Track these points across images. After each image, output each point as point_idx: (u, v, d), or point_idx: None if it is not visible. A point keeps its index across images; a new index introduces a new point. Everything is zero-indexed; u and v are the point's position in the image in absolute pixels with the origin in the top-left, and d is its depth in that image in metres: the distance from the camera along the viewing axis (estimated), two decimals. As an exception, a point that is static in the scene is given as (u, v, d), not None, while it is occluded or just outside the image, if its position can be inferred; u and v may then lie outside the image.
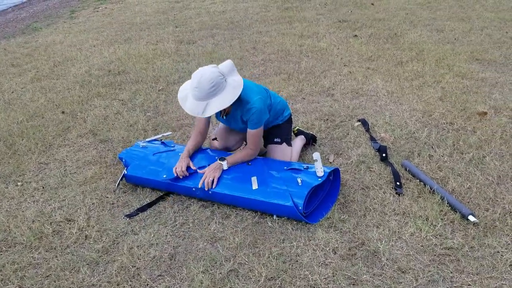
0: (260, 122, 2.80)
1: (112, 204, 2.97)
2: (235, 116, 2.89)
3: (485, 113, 3.72)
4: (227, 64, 2.72)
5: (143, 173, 3.00)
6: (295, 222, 2.61)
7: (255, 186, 2.66)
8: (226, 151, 3.12)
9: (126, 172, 3.06)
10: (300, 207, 2.52)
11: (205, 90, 2.59)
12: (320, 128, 3.74)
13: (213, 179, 2.76)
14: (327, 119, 3.89)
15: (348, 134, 3.61)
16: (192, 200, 2.91)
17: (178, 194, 2.98)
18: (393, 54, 5.42)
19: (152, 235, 2.61)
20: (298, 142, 3.32)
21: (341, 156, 3.31)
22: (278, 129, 3.11)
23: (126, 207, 2.91)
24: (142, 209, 2.86)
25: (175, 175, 2.83)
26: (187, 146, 2.97)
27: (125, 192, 3.07)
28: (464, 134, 3.45)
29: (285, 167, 2.77)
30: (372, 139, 3.48)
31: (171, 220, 2.74)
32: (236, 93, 2.65)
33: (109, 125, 4.16)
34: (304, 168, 2.73)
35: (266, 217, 2.68)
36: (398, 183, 2.87)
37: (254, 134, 2.83)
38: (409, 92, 4.30)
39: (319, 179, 2.62)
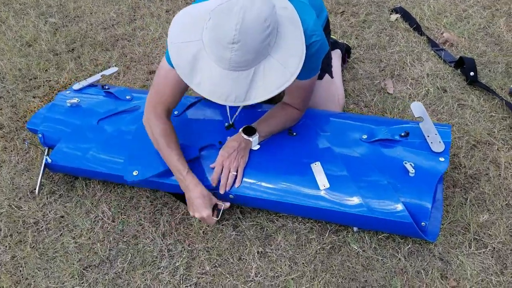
0: (320, 65, 1.45)
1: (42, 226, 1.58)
2: None
3: None
4: None
5: (83, 162, 1.61)
6: (398, 240, 1.46)
7: (322, 183, 1.40)
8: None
9: (48, 160, 1.62)
10: (424, 223, 1.34)
11: (257, 44, 1.16)
12: (341, 26, 2.40)
13: (236, 175, 1.45)
14: (342, 12, 2.53)
15: (389, 36, 2.32)
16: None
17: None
18: None
19: None
20: (336, 62, 1.99)
21: (398, 81, 2.06)
22: None
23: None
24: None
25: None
26: (178, 166, 1.46)
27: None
28: None
29: (363, 136, 1.50)
30: (433, 43, 2.23)
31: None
32: (301, 36, 1.25)
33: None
34: (402, 136, 1.48)
35: (342, 231, 1.50)
36: (525, 129, 1.74)
37: (307, 86, 1.48)
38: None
39: (441, 160, 1.41)
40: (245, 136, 1.47)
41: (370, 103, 1.97)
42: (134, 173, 1.50)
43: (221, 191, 1.46)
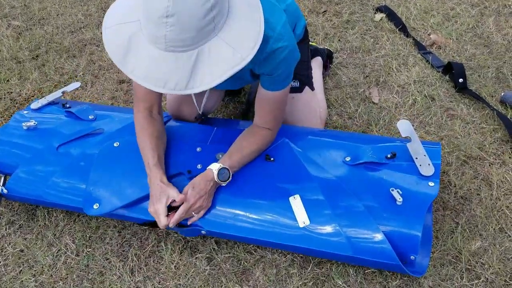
0: (291, 74, 1.32)
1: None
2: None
3: None
4: None
5: (42, 192, 1.46)
6: (386, 273, 1.35)
7: (302, 219, 1.28)
8: (197, 121, 1.61)
9: (3, 191, 1.49)
10: (413, 256, 1.23)
11: (196, 21, 0.98)
12: (323, 28, 2.27)
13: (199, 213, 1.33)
14: (324, 11, 2.39)
15: (374, 38, 2.20)
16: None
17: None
18: None
19: None
20: (317, 72, 1.86)
21: (384, 88, 1.95)
22: None
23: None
24: None
25: (162, 226, 1.30)
26: (148, 157, 1.36)
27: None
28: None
29: (347, 158, 1.38)
30: (420, 46, 2.11)
31: None
32: (259, 19, 1.09)
33: None
34: (388, 158, 1.37)
35: (326, 263, 1.38)
36: (518, 142, 1.64)
37: (279, 99, 1.34)
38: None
39: (431, 185, 1.30)
40: (220, 182, 1.32)
41: (354, 114, 1.85)
42: (95, 207, 1.36)
43: (171, 225, 1.30)
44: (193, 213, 1.30)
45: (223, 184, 1.33)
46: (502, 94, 1.81)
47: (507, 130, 1.68)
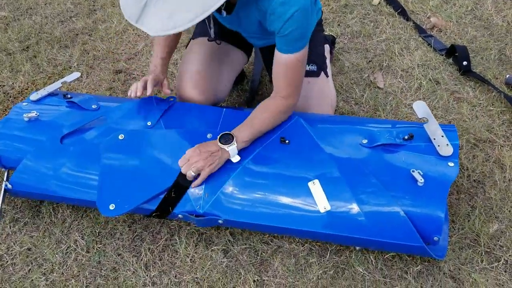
0: (305, 38, 1.28)
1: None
2: (247, 13, 1.31)
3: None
4: None
5: (49, 187, 1.41)
6: (406, 258, 1.34)
7: (323, 205, 1.25)
8: (211, 104, 1.57)
9: (8, 186, 1.42)
10: (437, 237, 1.22)
11: None
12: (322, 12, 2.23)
13: (200, 172, 1.30)
14: (323, -5, 2.35)
15: (373, 22, 2.17)
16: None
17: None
18: None
19: None
20: (328, 60, 1.83)
21: (388, 73, 1.93)
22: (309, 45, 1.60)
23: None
24: None
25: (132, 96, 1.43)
26: (154, 55, 1.52)
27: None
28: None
29: (363, 141, 1.36)
30: (420, 29, 2.10)
31: None
32: None
33: None
34: (405, 139, 1.34)
35: (344, 250, 1.37)
36: (526, 124, 1.64)
37: (292, 63, 1.29)
38: None
39: (451, 165, 1.28)
40: (221, 145, 1.30)
41: (361, 100, 1.83)
42: (111, 207, 1.31)
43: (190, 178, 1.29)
44: (192, 172, 1.26)
45: (229, 152, 1.30)
46: (507, 76, 1.81)
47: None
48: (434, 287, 1.30)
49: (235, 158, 1.32)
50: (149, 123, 1.46)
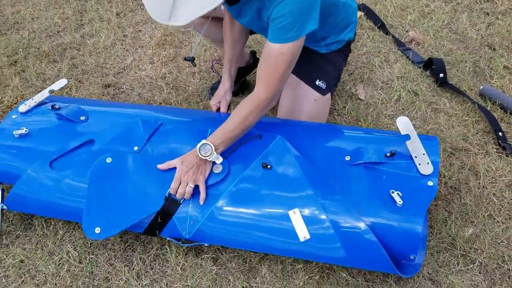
0: (294, 30, 1.27)
1: None
2: (250, 2, 1.35)
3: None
4: None
5: (39, 210, 1.49)
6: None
7: (302, 234, 1.29)
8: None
9: (4, 207, 1.49)
10: (413, 256, 1.28)
11: None
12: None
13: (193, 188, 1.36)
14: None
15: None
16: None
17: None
18: None
19: None
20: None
21: (369, 85, 2.01)
22: (328, 62, 1.65)
23: None
24: None
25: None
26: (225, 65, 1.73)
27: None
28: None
29: (346, 157, 1.41)
30: (399, 43, 2.19)
31: None
32: None
33: None
34: (387, 157, 1.39)
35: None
36: (500, 132, 1.73)
37: (275, 54, 1.31)
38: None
39: (430, 184, 1.33)
40: (200, 156, 1.35)
41: (343, 111, 1.90)
42: (96, 231, 1.35)
43: (178, 196, 1.35)
44: (191, 186, 1.33)
45: (215, 170, 1.36)
46: (481, 87, 1.90)
47: (488, 121, 1.76)
48: (414, 289, 1.36)
49: (219, 160, 1.37)
50: (136, 148, 1.49)
